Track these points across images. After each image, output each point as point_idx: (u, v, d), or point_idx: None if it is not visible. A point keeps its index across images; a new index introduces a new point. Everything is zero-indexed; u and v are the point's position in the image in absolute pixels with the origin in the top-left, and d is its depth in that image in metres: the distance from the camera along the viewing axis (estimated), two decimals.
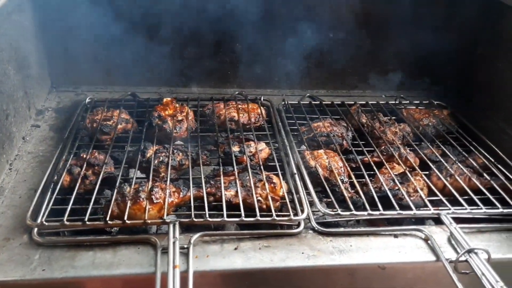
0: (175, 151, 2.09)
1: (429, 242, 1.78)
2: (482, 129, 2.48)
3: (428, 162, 2.16)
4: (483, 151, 2.26)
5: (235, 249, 1.70)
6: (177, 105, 2.46)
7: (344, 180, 2.02)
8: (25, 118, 2.31)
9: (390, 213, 1.82)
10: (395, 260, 1.71)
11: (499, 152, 2.26)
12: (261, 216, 1.75)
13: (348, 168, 2.07)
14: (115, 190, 1.79)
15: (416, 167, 2.12)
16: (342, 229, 1.83)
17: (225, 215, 1.73)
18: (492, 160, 2.20)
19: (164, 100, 2.47)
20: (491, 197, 1.93)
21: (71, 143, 2.13)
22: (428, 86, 2.98)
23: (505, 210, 1.87)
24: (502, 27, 2.59)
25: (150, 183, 1.84)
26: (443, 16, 2.79)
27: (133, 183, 1.85)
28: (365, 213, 1.80)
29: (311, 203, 1.89)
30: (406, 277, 1.74)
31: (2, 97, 2.01)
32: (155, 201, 1.76)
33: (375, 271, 1.71)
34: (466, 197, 1.94)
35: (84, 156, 1.99)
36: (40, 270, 1.55)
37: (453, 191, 1.96)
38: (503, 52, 2.58)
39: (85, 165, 1.93)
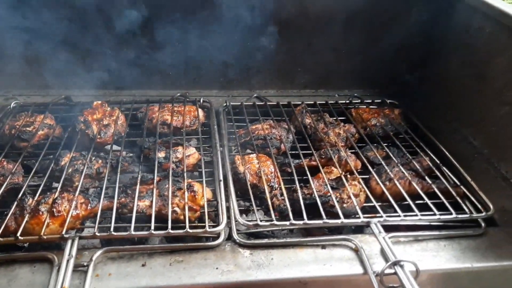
0: (93, 158, 1.94)
1: (358, 253, 1.64)
2: (433, 129, 2.35)
3: (368, 165, 2.02)
4: (430, 153, 2.12)
5: (143, 265, 1.56)
6: (108, 108, 2.31)
7: (274, 187, 1.87)
8: None
9: (314, 223, 1.67)
10: (319, 274, 1.57)
11: (447, 154, 2.12)
12: (173, 228, 1.60)
13: (279, 174, 1.93)
14: (15, 203, 1.63)
15: (355, 171, 1.98)
16: (265, 241, 1.68)
17: (132, 228, 1.58)
18: (438, 162, 2.06)
19: (94, 103, 2.32)
20: (429, 202, 1.79)
21: None
22: (383, 85, 2.83)
23: (442, 217, 1.73)
24: (454, 23, 2.46)
25: (57, 193, 1.69)
26: (395, 12, 2.64)
27: (37, 194, 1.70)
28: (287, 223, 1.66)
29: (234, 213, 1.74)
30: None
31: None
32: (56, 214, 1.61)
33: (295, 287, 1.56)
34: (405, 202, 1.81)
35: None
36: None
37: (389, 197, 1.82)
38: (455, 48, 2.45)
39: None
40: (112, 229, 1.57)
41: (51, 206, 1.63)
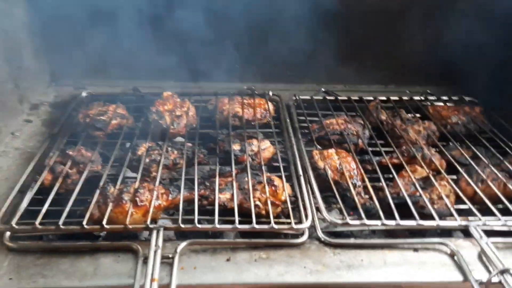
0: (169, 149, 1.89)
1: (455, 258, 1.53)
2: None
3: (456, 165, 1.89)
4: None
5: (227, 260, 1.50)
6: (178, 99, 2.27)
7: (357, 184, 1.78)
8: (16, 113, 2.17)
9: (408, 224, 1.56)
10: (415, 279, 1.47)
11: None
12: (258, 223, 1.53)
13: (362, 171, 1.82)
14: (97, 191, 1.61)
15: (442, 171, 1.85)
16: (352, 241, 1.59)
17: (216, 221, 1.52)
18: None
19: (164, 94, 2.28)
20: None
21: (60, 140, 1.96)
22: (458, 81, 2.67)
23: None
24: None
25: (137, 183, 1.66)
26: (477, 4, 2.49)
27: (118, 183, 1.66)
28: (379, 222, 1.55)
29: (318, 210, 1.65)
30: None
31: None
32: (139, 204, 1.57)
33: None
34: (500, 206, 1.68)
35: (70, 153, 1.82)
36: (6, 279, 1.39)
37: (484, 199, 1.69)
38: None
39: (69, 162, 1.76)
40: (196, 221, 1.52)
41: (134, 195, 1.59)
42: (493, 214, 1.62)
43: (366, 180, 1.77)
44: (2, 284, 1.37)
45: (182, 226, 1.51)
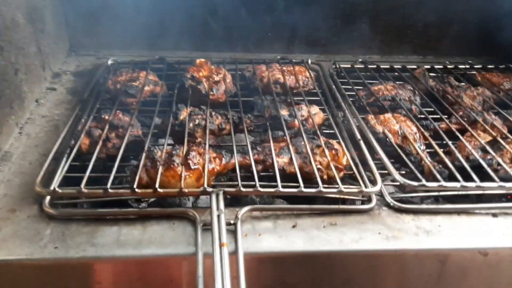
0: (213, 113, 1.74)
1: None
2: None
3: None
4: None
5: (293, 227, 1.35)
6: (212, 66, 2.11)
7: (421, 148, 1.64)
8: (39, 79, 2.00)
9: (488, 186, 1.43)
10: (500, 244, 1.33)
11: None
12: (324, 187, 1.39)
13: (425, 133, 1.69)
14: (143, 155, 1.45)
15: (508, 135, 1.72)
16: (425, 206, 1.45)
17: (279, 185, 1.38)
18: None
19: (198, 61, 2.13)
20: None
21: (91, 106, 1.80)
22: (498, 52, 2.54)
23: None
24: None
25: (185, 147, 1.50)
26: None
27: (165, 147, 1.51)
28: (458, 184, 1.42)
29: (382, 175, 1.51)
30: None
31: (10, 47, 1.70)
32: (192, 167, 1.41)
33: (473, 258, 1.33)
34: None
35: (106, 117, 1.66)
36: (51, 248, 1.23)
37: None
38: None
39: (107, 127, 1.60)
40: (257, 185, 1.37)
41: (185, 158, 1.43)
42: None
43: (433, 143, 1.63)
44: (47, 254, 1.22)
45: (243, 189, 1.36)
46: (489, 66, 2.37)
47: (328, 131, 1.77)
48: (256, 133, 1.77)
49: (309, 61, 2.28)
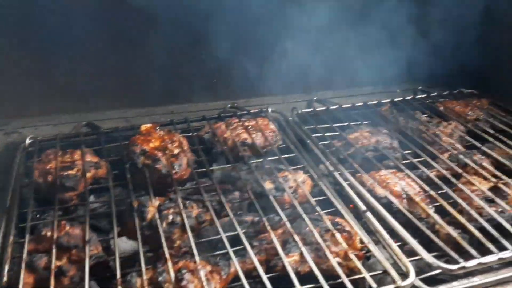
0: (186, 203, 1.40)
1: None
2: None
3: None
4: None
5: None
6: (162, 132, 1.76)
7: (432, 210, 1.46)
8: None
9: None
10: None
11: None
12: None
13: (431, 192, 1.51)
14: None
15: (504, 177, 1.62)
16: (459, 285, 1.26)
17: None
18: None
19: (143, 128, 1.76)
20: None
21: (18, 216, 1.35)
22: (445, 75, 2.50)
23: None
24: None
25: (170, 263, 1.15)
26: None
27: (143, 267, 1.14)
28: (495, 258, 1.25)
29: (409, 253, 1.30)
30: None
31: None
32: None
33: None
34: None
35: (49, 234, 1.24)
36: None
37: None
38: None
39: (54, 250, 1.18)
40: None
41: (177, 284, 1.08)
42: None
43: (442, 201, 1.46)
44: None
45: None
46: (444, 93, 2.31)
47: (320, 200, 1.52)
48: (240, 217, 1.46)
49: (269, 110, 2.02)
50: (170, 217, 1.34)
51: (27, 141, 1.72)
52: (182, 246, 1.29)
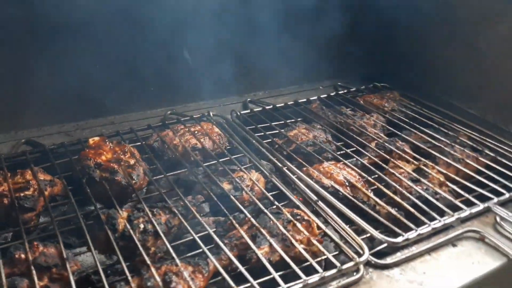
0: (154, 211, 1.46)
1: (486, 241, 1.55)
2: (441, 105, 2.39)
3: (431, 151, 1.95)
4: (463, 128, 2.16)
5: None
6: (111, 144, 1.77)
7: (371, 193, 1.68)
8: None
9: (450, 220, 1.54)
10: (478, 274, 1.44)
11: (475, 126, 2.19)
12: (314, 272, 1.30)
13: (369, 178, 1.73)
14: None
15: (421, 159, 1.89)
16: (404, 255, 1.47)
17: (283, 285, 1.23)
18: (476, 134, 2.11)
19: (91, 141, 1.76)
20: None
21: None
22: (360, 71, 2.79)
23: None
24: None
25: (153, 269, 1.21)
26: None
27: (129, 277, 1.19)
28: (429, 228, 1.49)
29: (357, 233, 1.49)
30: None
31: None
32: None
33: None
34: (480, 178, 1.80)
35: (23, 256, 1.23)
36: None
37: (476, 175, 1.79)
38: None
39: (34, 271, 1.18)
40: None
41: None
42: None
43: (379, 185, 1.68)
44: None
45: None
46: (361, 87, 2.58)
47: (275, 194, 1.66)
48: (204, 218, 1.55)
49: (211, 114, 2.11)
50: (142, 226, 1.39)
51: None
52: (157, 252, 1.36)
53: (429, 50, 2.57)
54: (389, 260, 1.45)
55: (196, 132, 1.92)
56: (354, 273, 1.38)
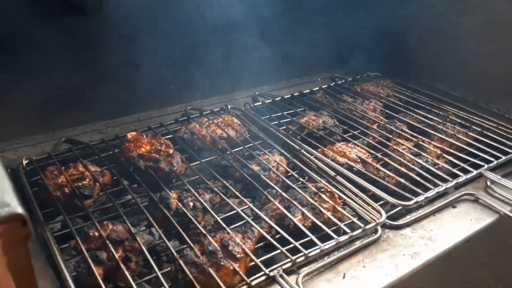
0: (199, 191, 1.67)
1: (480, 201, 1.82)
2: (429, 89, 2.66)
3: (425, 129, 2.22)
4: (450, 108, 2.43)
5: (344, 277, 1.46)
6: (147, 138, 1.98)
7: (378, 168, 1.93)
8: None
9: (450, 185, 1.81)
10: (473, 229, 1.70)
11: (461, 106, 2.46)
12: (343, 233, 1.55)
13: (377, 154, 1.99)
14: (178, 262, 1.33)
15: (419, 136, 2.15)
16: (414, 216, 1.73)
17: (320, 244, 1.47)
18: (463, 113, 2.39)
19: (129, 135, 1.96)
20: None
21: (46, 229, 1.49)
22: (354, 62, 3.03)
23: None
24: None
25: (209, 238, 1.43)
26: None
27: (191, 244, 1.41)
28: (434, 192, 1.75)
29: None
30: (488, 243, 1.76)
31: None
32: (238, 257, 1.38)
33: (463, 248, 1.68)
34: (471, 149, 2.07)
35: (96, 234, 1.43)
36: None
37: (467, 148, 2.07)
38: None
39: (110, 246, 1.39)
40: (304, 250, 1.43)
41: (224, 250, 1.38)
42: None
43: (387, 159, 1.94)
44: None
45: (297, 260, 1.40)
46: (357, 77, 2.84)
47: (297, 173, 1.89)
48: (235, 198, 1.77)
49: (229, 107, 2.33)
50: (191, 204, 1.61)
51: (24, 161, 1.82)
52: (206, 225, 1.58)
53: (415, 40, 2.83)
54: (401, 221, 1.71)
55: (219, 123, 2.14)
56: (373, 234, 1.63)
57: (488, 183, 1.88)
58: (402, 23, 2.86)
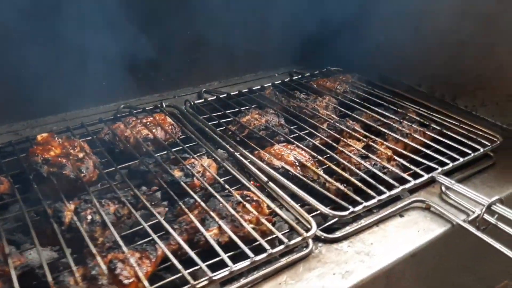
0: (102, 202, 1.45)
1: (432, 209, 1.61)
2: (393, 85, 2.45)
3: (381, 128, 2.00)
4: (411, 105, 2.22)
5: None
6: (60, 140, 1.75)
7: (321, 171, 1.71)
8: None
9: (395, 192, 1.59)
10: (422, 241, 1.49)
11: (424, 102, 2.25)
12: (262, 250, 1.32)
13: (320, 157, 1.77)
14: None
15: (371, 136, 1.93)
16: (352, 228, 1.52)
17: (231, 265, 1.25)
18: (424, 110, 2.17)
19: (39, 138, 1.74)
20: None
21: None
22: (312, 57, 2.82)
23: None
24: None
25: (99, 258, 1.21)
26: None
27: (73, 268, 1.19)
28: (375, 200, 1.53)
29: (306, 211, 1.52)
30: (433, 254, 1.55)
31: None
32: (125, 282, 1.16)
33: (408, 263, 1.46)
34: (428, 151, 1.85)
35: None
36: None
37: (423, 149, 1.85)
38: None
39: None
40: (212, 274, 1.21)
41: (111, 274, 1.16)
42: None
43: (330, 164, 1.72)
44: None
45: (198, 286, 1.18)
46: (315, 72, 2.62)
47: (227, 179, 1.68)
48: (156, 206, 1.55)
49: (164, 105, 2.11)
50: (89, 217, 1.39)
51: None
52: (105, 242, 1.36)
53: (379, 33, 2.62)
54: (338, 234, 1.49)
55: (148, 123, 1.92)
56: (304, 249, 1.42)
57: (443, 188, 1.68)
58: (365, 14, 2.65)
